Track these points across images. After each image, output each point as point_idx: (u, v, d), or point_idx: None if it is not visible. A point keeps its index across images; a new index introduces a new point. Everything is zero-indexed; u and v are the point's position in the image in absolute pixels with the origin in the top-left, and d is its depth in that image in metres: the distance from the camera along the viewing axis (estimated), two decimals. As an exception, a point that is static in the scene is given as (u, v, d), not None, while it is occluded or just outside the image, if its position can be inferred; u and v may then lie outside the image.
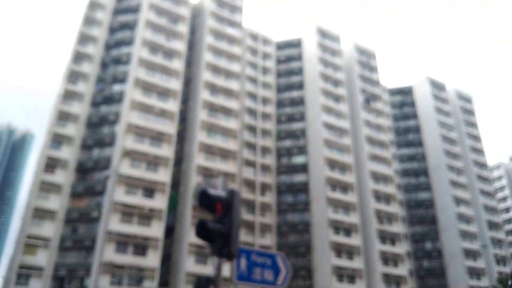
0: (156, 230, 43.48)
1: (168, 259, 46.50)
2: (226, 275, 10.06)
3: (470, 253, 66.61)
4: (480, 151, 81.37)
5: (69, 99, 48.89)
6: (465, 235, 67.71)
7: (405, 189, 73.42)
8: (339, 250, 53.74)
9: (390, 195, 62.38)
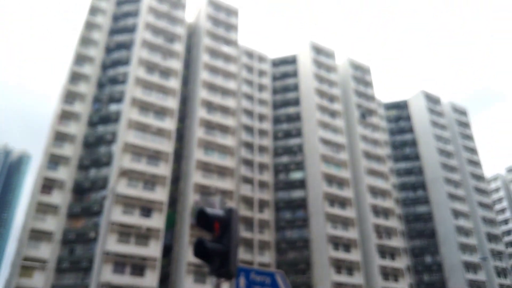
0: (154, 249, 43.05)
1: (166, 279, 45.94)
2: (225, 294, 9.97)
3: (471, 266, 66.17)
4: (477, 163, 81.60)
5: (65, 120, 48.95)
6: (464, 247, 67.38)
7: (403, 203, 73.27)
8: (338, 266, 53.32)
9: (389, 209, 62.23)
